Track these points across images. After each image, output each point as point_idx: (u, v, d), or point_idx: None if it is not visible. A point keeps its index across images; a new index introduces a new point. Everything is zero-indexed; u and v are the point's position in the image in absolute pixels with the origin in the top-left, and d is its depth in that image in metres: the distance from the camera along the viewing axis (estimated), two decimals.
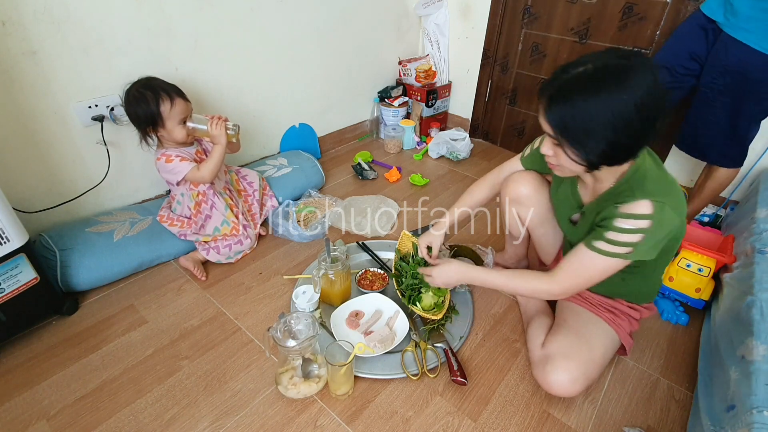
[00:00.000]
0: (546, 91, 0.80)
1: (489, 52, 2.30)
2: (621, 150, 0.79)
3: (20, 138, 1.30)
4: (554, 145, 0.84)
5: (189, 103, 1.31)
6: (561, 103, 0.77)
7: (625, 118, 0.73)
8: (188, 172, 1.32)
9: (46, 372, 1.12)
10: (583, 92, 0.74)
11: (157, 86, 1.26)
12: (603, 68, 0.74)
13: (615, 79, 0.73)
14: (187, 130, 1.31)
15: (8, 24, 1.18)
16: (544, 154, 0.89)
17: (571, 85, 0.76)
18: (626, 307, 1.10)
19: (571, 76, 0.76)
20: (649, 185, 0.84)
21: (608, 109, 0.73)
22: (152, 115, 1.24)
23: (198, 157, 1.39)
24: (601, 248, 0.87)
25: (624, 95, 0.72)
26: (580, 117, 0.75)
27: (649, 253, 0.85)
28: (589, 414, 1.07)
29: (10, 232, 1.08)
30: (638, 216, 0.82)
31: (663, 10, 1.73)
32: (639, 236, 0.83)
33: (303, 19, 1.90)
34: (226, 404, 1.06)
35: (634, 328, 1.11)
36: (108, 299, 1.36)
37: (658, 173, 0.86)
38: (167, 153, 1.32)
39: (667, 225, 0.83)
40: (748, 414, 0.79)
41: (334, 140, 2.39)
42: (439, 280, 1.14)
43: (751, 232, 1.33)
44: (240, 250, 1.51)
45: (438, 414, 1.05)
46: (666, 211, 0.81)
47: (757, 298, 1.05)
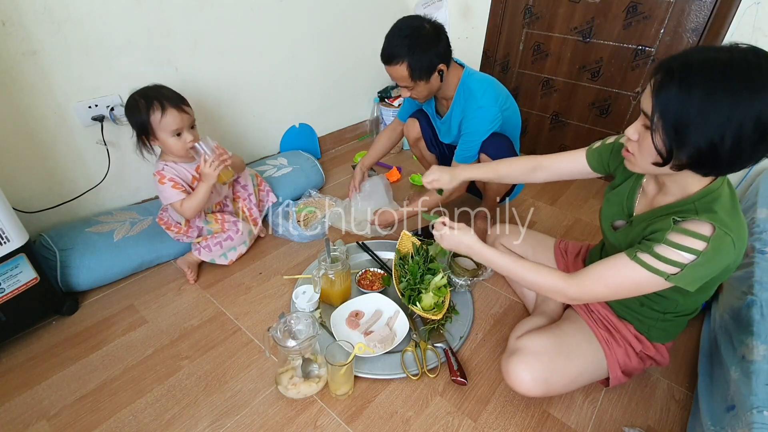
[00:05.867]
0: (665, 67, 0.69)
1: (489, 52, 2.30)
2: (717, 158, 0.68)
3: (20, 138, 1.30)
4: (644, 128, 0.74)
5: (187, 115, 1.24)
6: (679, 84, 0.66)
7: (742, 126, 0.63)
8: (175, 202, 1.28)
9: (46, 372, 1.12)
10: (707, 82, 0.64)
11: (153, 95, 1.20)
12: (739, 63, 0.64)
13: (750, 81, 0.63)
14: (187, 146, 1.25)
15: (8, 24, 1.18)
16: (627, 138, 0.78)
17: (697, 71, 0.65)
18: (632, 335, 0.99)
19: (700, 60, 0.66)
20: (718, 212, 0.74)
21: (729, 110, 0.63)
22: (143, 123, 1.20)
23: (196, 174, 1.34)
24: (644, 260, 0.77)
25: (753, 101, 0.62)
26: (694, 106, 0.65)
27: (693, 282, 0.76)
28: (589, 414, 1.07)
29: (10, 232, 1.08)
30: (696, 234, 0.73)
31: (668, 9, 1.73)
32: (691, 257, 0.73)
33: (303, 19, 1.90)
34: (226, 404, 1.06)
35: (630, 363, 0.99)
36: (108, 299, 1.36)
37: (730, 205, 0.76)
38: (163, 172, 1.28)
39: (723, 257, 0.73)
40: (748, 414, 0.79)
41: (334, 140, 2.39)
42: (445, 242, 1.05)
43: (751, 232, 1.33)
44: (232, 247, 1.46)
45: (438, 414, 1.05)
46: (726, 242, 0.72)
47: (757, 298, 1.04)
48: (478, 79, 1.39)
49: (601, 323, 1.03)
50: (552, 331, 1.04)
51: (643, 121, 0.74)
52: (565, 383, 0.98)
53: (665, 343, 1.01)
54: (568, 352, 0.98)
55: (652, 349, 1.00)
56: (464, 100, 1.40)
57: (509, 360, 0.99)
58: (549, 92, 2.20)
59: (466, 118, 1.40)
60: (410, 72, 1.29)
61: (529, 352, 0.98)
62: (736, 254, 0.74)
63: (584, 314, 1.05)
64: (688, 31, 1.73)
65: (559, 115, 2.22)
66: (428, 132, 1.65)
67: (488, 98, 1.36)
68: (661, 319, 0.96)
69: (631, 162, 0.81)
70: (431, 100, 1.54)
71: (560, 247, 1.26)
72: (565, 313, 1.14)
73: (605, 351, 0.99)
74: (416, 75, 1.30)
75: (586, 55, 2.01)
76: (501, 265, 0.97)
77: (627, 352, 1.00)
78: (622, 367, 1.00)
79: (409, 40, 1.25)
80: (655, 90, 0.69)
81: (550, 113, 2.25)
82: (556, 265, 1.24)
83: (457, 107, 1.43)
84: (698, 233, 0.73)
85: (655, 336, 0.99)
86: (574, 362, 0.98)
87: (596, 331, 1.01)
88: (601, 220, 1.05)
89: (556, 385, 0.96)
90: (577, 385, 1.01)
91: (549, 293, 0.92)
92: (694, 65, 0.66)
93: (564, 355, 0.98)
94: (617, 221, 0.99)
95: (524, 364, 0.96)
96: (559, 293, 0.90)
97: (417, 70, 1.28)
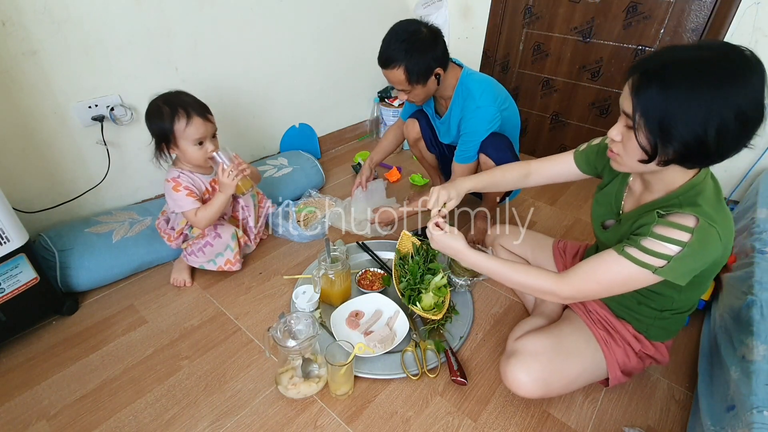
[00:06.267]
0: (640, 69, 0.71)
1: (489, 52, 2.30)
2: (704, 150, 0.70)
3: (20, 138, 1.30)
4: (627, 129, 0.75)
5: (211, 124, 1.22)
6: (656, 85, 0.68)
7: (725, 118, 0.65)
8: (188, 211, 1.25)
9: (46, 372, 1.12)
10: (685, 79, 0.67)
11: (177, 102, 1.17)
12: (714, 59, 0.66)
13: (727, 75, 0.65)
14: (207, 156, 1.23)
15: (8, 24, 1.18)
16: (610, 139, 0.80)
17: (674, 69, 0.67)
18: (630, 335, 1.00)
19: (675, 59, 0.68)
20: (702, 205, 0.75)
21: (710, 103, 0.65)
22: (165, 131, 1.17)
23: (211, 187, 1.33)
24: (632, 254, 0.78)
25: (733, 94, 0.65)
26: (676, 103, 0.67)
27: (682, 275, 0.76)
28: (589, 414, 1.07)
29: (10, 232, 1.08)
30: (680, 226, 0.74)
31: (667, 9, 1.73)
32: (676, 249, 0.74)
33: (303, 19, 1.91)
34: (226, 404, 1.06)
35: (630, 363, 1.00)
36: (108, 299, 1.36)
37: (715, 199, 0.78)
38: (178, 179, 1.25)
39: (710, 250, 0.74)
40: (748, 414, 0.79)
41: (334, 140, 2.39)
42: (435, 244, 1.04)
43: (750, 232, 1.33)
44: (217, 253, 1.37)
45: (438, 414, 1.05)
46: (712, 234, 0.73)
47: (757, 298, 1.05)
48: (477, 80, 1.39)
49: (600, 323, 1.03)
50: (550, 332, 1.04)
51: (624, 121, 0.76)
52: (564, 384, 0.98)
53: (664, 341, 1.01)
54: (566, 352, 0.98)
55: (652, 348, 1.00)
56: (462, 100, 1.40)
57: (507, 362, 0.99)
58: (549, 92, 2.20)
59: (465, 118, 1.40)
60: (407, 76, 1.30)
61: (528, 353, 0.98)
62: (723, 247, 0.75)
63: (583, 315, 1.05)
64: (688, 31, 1.73)
65: (559, 115, 2.22)
66: (428, 132, 1.65)
67: (486, 98, 1.36)
68: (659, 318, 0.96)
69: (618, 162, 0.82)
70: (430, 101, 1.54)
71: (559, 247, 1.26)
72: (564, 314, 1.14)
73: (604, 351, 0.99)
74: (413, 79, 1.31)
75: (586, 55, 2.01)
76: (490, 269, 0.96)
77: (626, 351, 0.99)
78: (622, 367, 1.00)
79: (406, 44, 1.26)
80: (634, 90, 0.71)
81: (550, 113, 2.25)
82: (555, 265, 1.25)
83: (455, 107, 1.43)
84: (682, 225, 0.74)
85: (654, 335, 0.99)
86: (573, 363, 0.98)
87: (595, 331, 1.01)
88: (592, 222, 1.06)
89: (555, 386, 0.96)
90: (576, 386, 1.01)
91: (541, 295, 0.92)
92: (670, 64, 0.68)
93: (563, 356, 0.98)
94: (607, 221, 1.00)
95: (522, 366, 0.96)
96: (552, 294, 0.89)
97: (414, 74, 1.30)
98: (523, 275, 0.91)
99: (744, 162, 1.72)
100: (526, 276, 0.91)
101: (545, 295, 0.91)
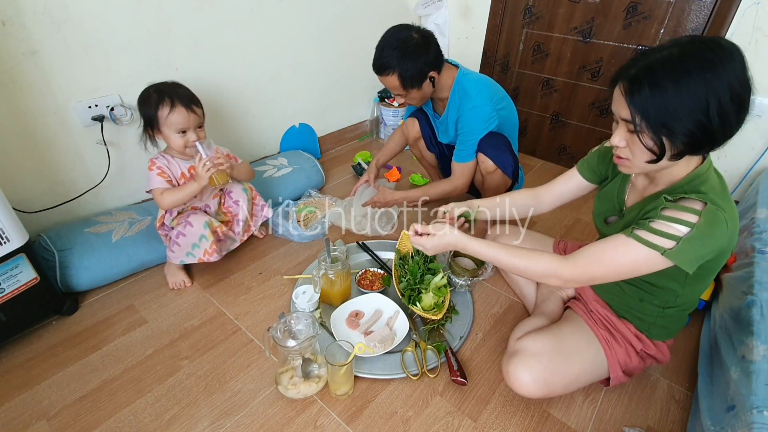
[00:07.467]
0: (626, 76, 0.74)
1: (489, 52, 2.30)
2: (711, 134, 0.71)
3: (20, 138, 1.30)
4: (629, 133, 0.77)
5: (195, 115, 1.24)
6: (647, 86, 0.71)
7: (719, 100, 0.68)
8: (155, 189, 1.28)
9: (45, 372, 1.12)
10: (672, 74, 0.69)
11: (166, 91, 1.22)
12: (692, 51, 0.70)
13: (707, 62, 0.68)
14: (188, 144, 1.26)
15: (8, 24, 1.18)
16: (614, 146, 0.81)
17: (658, 68, 0.71)
18: (632, 334, 1.00)
19: (656, 60, 0.71)
20: (707, 192, 0.77)
21: (703, 90, 0.68)
22: (150, 117, 1.23)
23: (187, 172, 1.34)
24: (640, 236, 0.78)
25: (718, 77, 0.68)
26: (668, 100, 0.70)
27: (690, 261, 0.76)
28: (589, 414, 1.07)
29: (10, 232, 1.08)
30: (688, 209, 0.76)
31: (667, 9, 1.73)
32: (685, 230, 0.75)
33: (303, 19, 1.91)
34: (226, 404, 1.06)
35: (631, 363, 1.00)
36: (108, 299, 1.36)
37: (720, 189, 0.80)
38: (155, 159, 1.29)
39: (717, 234, 0.75)
40: (748, 414, 0.79)
41: (334, 140, 2.39)
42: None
43: (750, 232, 1.33)
44: (192, 244, 1.34)
45: (438, 414, 1.05)
46: (719, 217, 0.74)
47: (757, 298, 1.05)
48: (473, 79, 1.40)
49: (601, 323, 1.03)
50: (552, 331, 1.04)
51: (625, 126, 0.78)
52: (566, 384, 0.98)
53: (666, 340, 1.01)
54: (568, 352, 0.98)
55: (653, 347, 1.00)
56: (459, 99, 1.41)
57: (509, 362, 0.99)
58: (549, 92, 2.20)
59: (462, 118, 1.41)
60: (401, 82, 1.33)
61: (529, 353, 0.98)
62: (729, 234, 0.76)
63: (584, 314, 1.06)
64: (688, 31, 1.73)
65: (559, 115, 2.22)
66: (427, 131, 1.66)
67: (482, 97, 1.37)
68: (661, 315, 0.96)
69: (627, 166, 0.83)
70: (430, 101, 1.54)
71: (559, 247, 1.26)
72: (565, 314, 1.14)
73: (606, 351, 0.99)
74: (407, 84, 1.34)
75: (586, 55, 2.01)
76: (489, 254, 0.95)
77: (627, 351, 1.00)
78: (623, 367, 1.00)
79: (398, 51, 1.29)
80: (627, 96, 0.73)
81: (550, 113, 2.25)
82: None
83: (452, 107, 1.44)
84: (691, 207, 0.76)
85: (655, 334, 0.99)
86: (574, 363, 0.98)
87: (596, 331, 1.01)
88: (594, 218, 1.08)
89: (556, 385, 0.96)
90: (577, 385, 1.01)
91: (543, 278, 0.90)
92: (653, 66, 0.71)
93: (564, 356, 0.98)
94: (610, 217, 1.01)
95: (524, 366, 0.96)
96: (554, 276, 0.87)
97: (408, 79, 1.32)
98: (525, 258, 0.91)
99: (744, 162, 1.72)
100: (528, 259, 0.90)
101: (547, 278, 0.89)
